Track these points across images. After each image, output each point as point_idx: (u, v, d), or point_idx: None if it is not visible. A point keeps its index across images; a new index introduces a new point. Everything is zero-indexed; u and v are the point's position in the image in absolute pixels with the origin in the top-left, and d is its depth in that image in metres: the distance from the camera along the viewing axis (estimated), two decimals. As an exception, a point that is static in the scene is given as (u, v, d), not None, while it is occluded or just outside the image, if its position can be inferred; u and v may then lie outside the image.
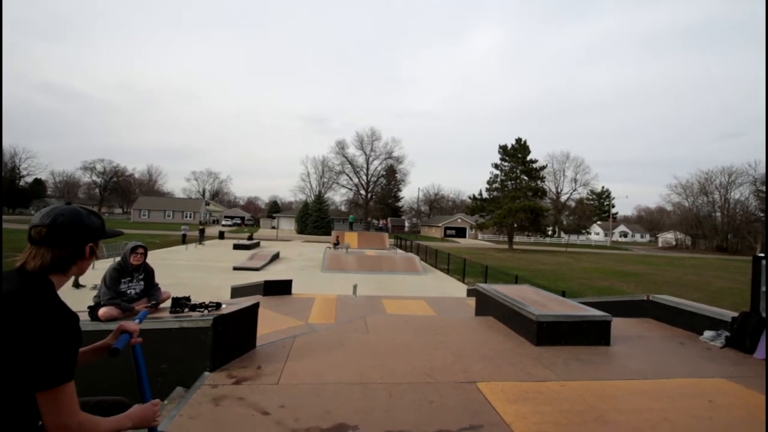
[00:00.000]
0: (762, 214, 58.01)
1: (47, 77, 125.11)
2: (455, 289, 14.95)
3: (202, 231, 32.69)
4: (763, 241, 51.54)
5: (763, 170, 58.62)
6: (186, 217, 67.79)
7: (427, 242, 36.73)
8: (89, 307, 3.39)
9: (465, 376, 3.10)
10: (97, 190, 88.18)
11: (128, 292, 3.60)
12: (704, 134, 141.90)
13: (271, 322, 5.30)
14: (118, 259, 3.68)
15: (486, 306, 5.26)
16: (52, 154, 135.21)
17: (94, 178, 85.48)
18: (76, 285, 11.15)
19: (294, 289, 8.25)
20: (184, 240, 29.28)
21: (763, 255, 4.29)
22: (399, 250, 28.13)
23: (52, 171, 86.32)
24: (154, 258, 20.52)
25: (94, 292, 3.56)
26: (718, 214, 64.66)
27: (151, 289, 3.69)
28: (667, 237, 74.12)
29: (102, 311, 3.28)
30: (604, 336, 4.07)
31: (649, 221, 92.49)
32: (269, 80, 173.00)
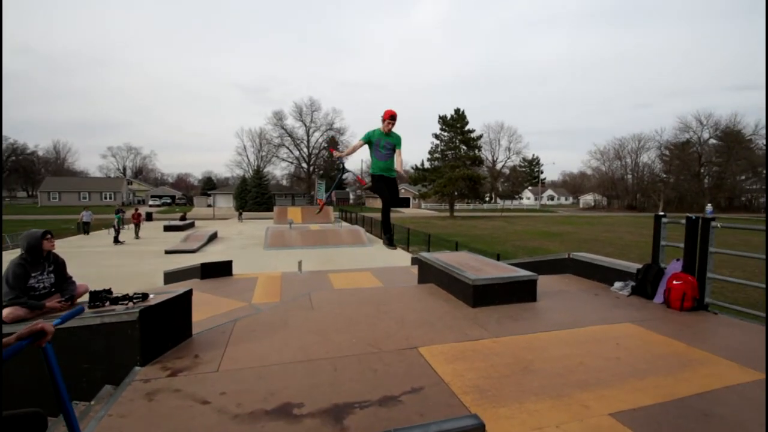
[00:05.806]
0: (665, 175, 66.10)
1: None
2: (400, 258, 15.35)
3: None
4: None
5: (668, 136, 66.52)
6: (105, 198, 61.47)
7: (372, 214, 36.98)
8: (-13, 309, 2.98)
9: (407, 343, 3.23)
10: (-9, 172, 76.14)
11: (37, 286, 3.21)
12: (622, 105, 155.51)
13: (210, 306, 5.08)
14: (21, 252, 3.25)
15: (427, 274, 5.47)
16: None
17: (-14, 157, 73.53)
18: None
19: (235, 270, 7.94)
20: (84, 229, 22.09)
21: (663, 213, 4.90)
22: (344, 223, 28.07)
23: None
24: (70, 246, 18.47)
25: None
26: (630, 176, 72.50)
27: (63, 283, 3.32)
28: (587, 199, 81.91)
29: (6, 312, 2.91)
30: (531, 293, 4.47)
31: (573, 185, 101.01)
32: (197, 46, 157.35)
